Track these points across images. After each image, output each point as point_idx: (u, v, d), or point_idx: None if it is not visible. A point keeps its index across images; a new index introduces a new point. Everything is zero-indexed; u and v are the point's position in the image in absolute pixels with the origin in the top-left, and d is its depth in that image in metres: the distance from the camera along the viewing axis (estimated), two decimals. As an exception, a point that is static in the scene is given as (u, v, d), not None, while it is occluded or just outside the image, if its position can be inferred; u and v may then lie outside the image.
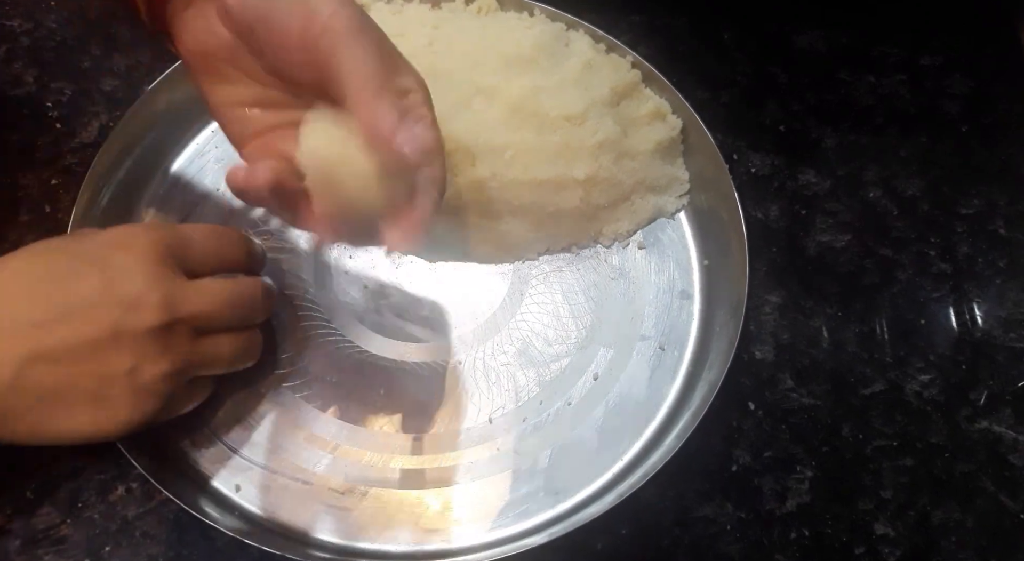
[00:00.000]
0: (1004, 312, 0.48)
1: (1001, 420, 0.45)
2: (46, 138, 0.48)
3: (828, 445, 0.44)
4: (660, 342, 0.45)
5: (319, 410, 0.42)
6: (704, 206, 0.48)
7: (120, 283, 0.34)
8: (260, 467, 0.41)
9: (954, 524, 0.42)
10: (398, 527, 0.40)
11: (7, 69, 0.50)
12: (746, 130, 0.52)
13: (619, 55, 0.49)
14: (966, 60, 0.55)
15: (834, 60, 0.55)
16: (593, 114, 0.45)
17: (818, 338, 0.47)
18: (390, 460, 0.41)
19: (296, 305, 0.45)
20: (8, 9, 0.52)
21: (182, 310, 0.35)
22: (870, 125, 0.53)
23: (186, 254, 0.37)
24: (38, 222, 0.46)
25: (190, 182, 0.47)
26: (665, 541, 0.41)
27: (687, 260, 0.48)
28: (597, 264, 0.47)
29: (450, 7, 0.50)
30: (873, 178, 0.51)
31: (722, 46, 0.55)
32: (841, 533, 0.42)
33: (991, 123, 0.54)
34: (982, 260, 0.49)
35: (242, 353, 0.39)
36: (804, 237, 0.49)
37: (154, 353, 0.34)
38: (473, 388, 0.43)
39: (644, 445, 0.42)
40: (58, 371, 0.33)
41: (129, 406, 0.34)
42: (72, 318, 0.33)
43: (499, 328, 0.45)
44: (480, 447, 0.42)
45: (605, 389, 0.44)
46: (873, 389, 0.45)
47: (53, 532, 0.39)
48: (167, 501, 0.39)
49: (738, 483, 0.43)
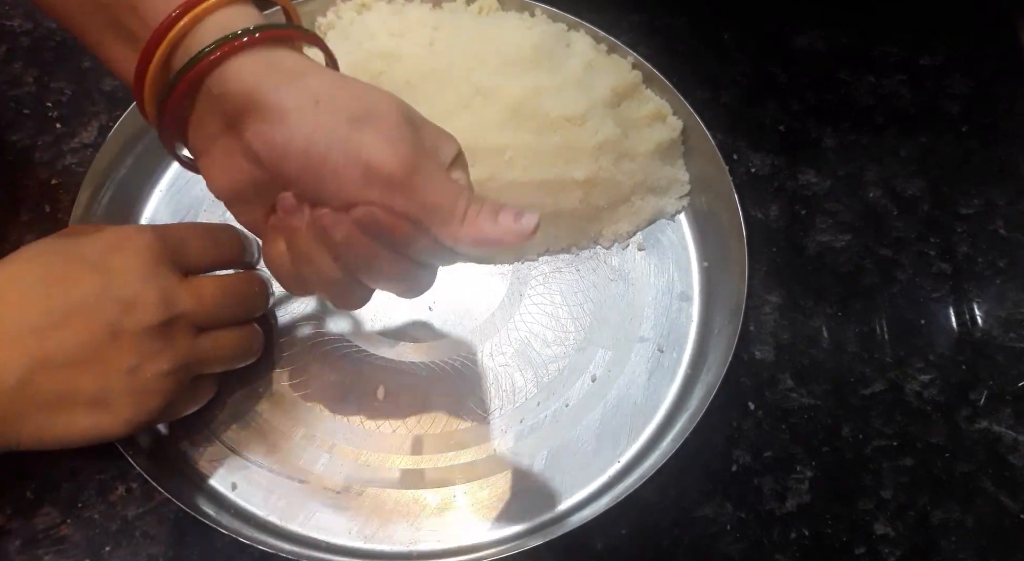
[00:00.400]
0: (1004, 312, 0.48)
1: (1001, 420, 0.45)
2: (46, 138, 0.48)
3: (828, 445, 0.44)
4: (659, 344, 0.45)
5: (317, 409, 0.42)
6: (704, 208, 0.48)
7: (117, 284, 0.34)
8: (257, 466, 0.41)
9: (954, 524, 0.42)
10: (395, 527, 0.40)
11: (7, 69, 0.50)
12: (746, 130, 0.52)
13: (620, 56, 0.49)
14: (966, 60, 0.55)
15: (834, 60, 0.55)
16: (593, 115, 0.45)
17: (818, 338, 0.46)
18: (388, 460, 0.41)
19: (294, 304, 0.45)
20: (8, 9, 0.52)
21: (180, 307, 0.35)
22: (870, 125, 0.53)
23: (182, 252, 0.37)
24: (38, 222, 0.46)
25: (190, 182, 0.47)
26: (665, 541, 0.41)
27: (687, 262, 0.48)
28: (596, 265, 0.47)
29: (451, 7, 0.50)
30: (873, 178, 0.51)
31: (722, 46, 0.55)
32: (841, 533, 0.42)
33: (991, 123, 0.54)
34: (982, 260, 0.49)
35: (243, 349, 0.39)
36: (804, 237, 0.49)
37: (154, 351, 0.34)
38: (471, 388, 0.43)
39: (642, 446, 0.42)
40: (60, 375, 0.33)
41: (132, 406, 0.34)
42: (71, 321, 0.33)
43: (498, 329, 0.45)
44: (478, 447, 0.42)
45: (603, 390, 0.44)
46: (873, 389, 0.45)
47: (53, 532, 0.39)
48: (167, 501, 0.39)
49: (738, 483, 0.43)
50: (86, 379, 0.33)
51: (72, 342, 0.33)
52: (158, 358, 0.34)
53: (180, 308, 0.35)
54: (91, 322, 0.33)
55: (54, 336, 0.33)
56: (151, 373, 0.34)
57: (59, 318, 0.33)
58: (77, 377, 0.33)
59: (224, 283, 0.38)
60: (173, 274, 0.36)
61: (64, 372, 0.33)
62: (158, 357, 0.34)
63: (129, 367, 0.34)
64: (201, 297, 0.36)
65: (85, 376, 0.33)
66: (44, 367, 0.33)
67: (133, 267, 0.35)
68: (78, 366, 0.33)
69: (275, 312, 0.44)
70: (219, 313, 0.37)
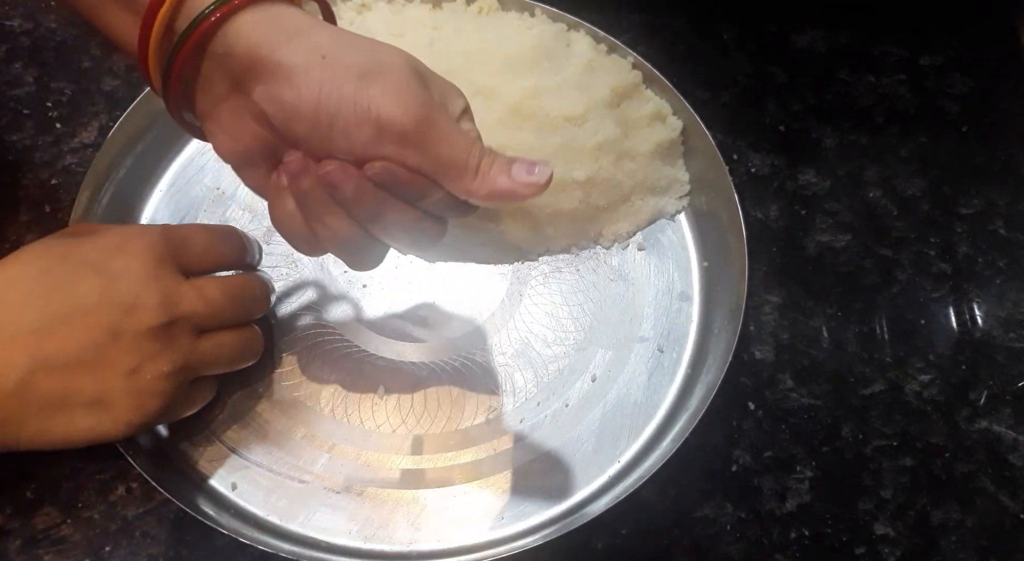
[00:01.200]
0: (1004, 312, 0.48)
1: (1001, 420, 0.45)
2: (46, 138, 0.48)
3: (828, 445, 0.44)
4: (659, 344, 0.45)
5: (317, 409, 0.42)
6: (704, 208, 0.48)
7: (118, 286, 0.34)
8: (257, 466, 0.41)
9: (954, 524, 0.42)
10: (395, 527, 0.40)
11: (7, 69, 0.50)
12: (746, 130, 0.52)
13: (620, 56, 0.49)
14: (966, 60, 0.55)
15: (834, 60, 0.55)
16: (593, 115, 0.45)
17: (818, 338, 0.46)
18: (388, 460, 0.41)
19: (295, 304, 0.45)
20: (8, 9, 0.52)
21: (181, 309, 0.35)
22: (870, 125, 0.53)
23: (183, 254, 0.37)
24: (38, 222, 0.46)
25: (190, 182, 0.47)
26: (665, 541, 0.41)
27: (687, 262, 0.48)
28: (596, 265, 0.47)
29: (451, 7, 0.50)
30: (873, 178, 0.51)
31: (722, 46, 0.55)
32: (841, 533, 0.42)
33: (991, 123, 0.54)
34: (982, 260, 0.49)
35: (243, 350, 0.39)
36: (804, 237, 0.49)
37: (155, 352, 0.34)
38: (471, 388, 0.43)
39: (642, 446, 0.42)
40: (60, 377, 0.33)
41: (132, 407, 0.34)
42: (72, 323, 0.33)
43: (498, 329, 0.45)
44: (478, 447, 0.42)
45: (603, 390, 0.44)
46: (873, 389, 0.45)
47: (53, 532, 0.39)
48: (167, 501, 0.39)
49: (738, 483, 0.43)
50: (86, 380, 0.33)
51: (73, 343, 0.33)
52: (159, 360, 0.34)
53: (181, 310, 0.35)
54: (92, 323, 0.33)
55: (55, 337, 0.33)
56: (151, 375, 0.34)
57: (60, 319, 0.33)
58: (77, 378, 0.33)
59: (226, 285, 0.38)
60: (175, 276, 0.36)
61: (64, 373, 0.33)
62: (159, 359, 0.34)
63: (129, 368, 0.34)
64: (203, 299, 0.36)
65: (85, 377, 0.33)
66: (44, 368, 0.33)
67: (135, 269, 0.35)
68: (78, 367, 0.33)
69: (275, 312, 0.44)
70: (220, 315, 0.37)
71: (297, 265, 0.46)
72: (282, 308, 0.44)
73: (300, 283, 0.45)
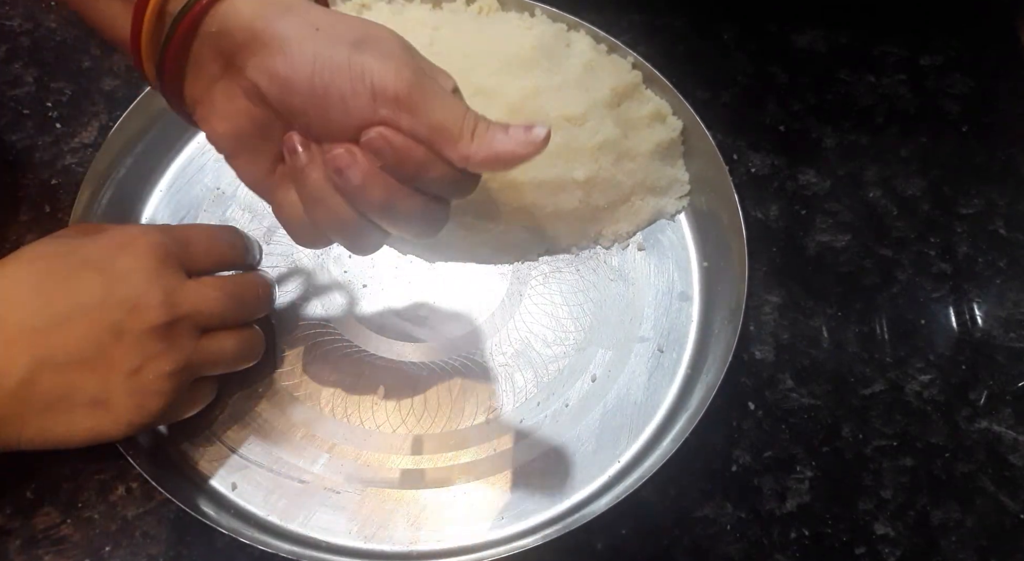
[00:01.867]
0: (1004, 312, 0.48)
1: (1001, 420, 0.45)
2: (46, 138, 0.48)
3: (828, 445, 0.44)
4: (659, 344, 0.45)
5: (317, 409, 0.42)
6: (704, 208, 0.48)
7: (121, 285, 0.34)
8: (257, 466, 0.41)
9: (954, 524, 0.42)
10: (395, 527, 0.40)
11: (7, 69, 0.50)
12: (746, 130, 0.52)
13: (620, 56, 0.49)
14: (966, 60, 0.55)
15: (834, 60, 0.55)
16: (593, 115, 0.45)
17: (818, 338, 0.46)
18: (387, 460, 0.41)
19: (295, 304, 0.45)
20: (8, 9, 0.52)
21: (183, 308, 0.35)
22: (870, 125, 0.53)
23: (185, 253, 0.37)
24: (38, 222, 0.46)
25: (190, 182, 0.47)
26: (665, 541, 0.41)
27: (687, 262, 0.48)
28: (596, 265, 0.47)
29: (451, 7, 0.50)
30: (873, 178, 0.51)
31: (722, 46, 0.55)
32: (841, 533, 0.42)
33: (991, 123, 0.54)
34: (982, 260, 0.49)
35: (245, 350, 0.39)
36: (804, 237, 0.49)
37: (156, 352, 0.34)
38: (471, 388, 0.43)
39: (642, 446, 0.42)
40: (62, 376, 0.33)
41: (133, 407, 0.34)
42: (74, 322, 0.33)
43: (498, 329, 0.45)
44: (478, 447, 0.42)
45: (603, 390, 0.44)
46: (873, 389, 0.45)
47: (53, 532, 0.39)
48: (167, 501, 0.39)
49: (738, 483, 0.43)
50: (88, 380, 0.33)
51: (74, 343, 0.33)
52: (160, 359, 0.34)
53: (184, 310, 0.35)
54: (94, 323, 0.33)
55: (56, 336, 0.33)
56: (153, 374, 0.34)
57: (62, 318, 0.33)
58: (79, 378, 0.33)
59: (228, 285, 0.38)
60: (177, 276, 0.36)
61: (66, 373, 0.33)
62: (160, 358, 0.34)
63: (131, 368, 0.34)
64: (205, 299, 0.36)
65: (87, 377, 0.33)
66: (46, 367, 0.33)
67: (137, 268, 0.35)
68: (80, 367, 0.33)
69: (276, 313, 0.44)
70: (222, 315, 0.37)
71: (297, 265, 0.46)
72: (282, 308, 0.44)
73: (300, 283, 0.45)
